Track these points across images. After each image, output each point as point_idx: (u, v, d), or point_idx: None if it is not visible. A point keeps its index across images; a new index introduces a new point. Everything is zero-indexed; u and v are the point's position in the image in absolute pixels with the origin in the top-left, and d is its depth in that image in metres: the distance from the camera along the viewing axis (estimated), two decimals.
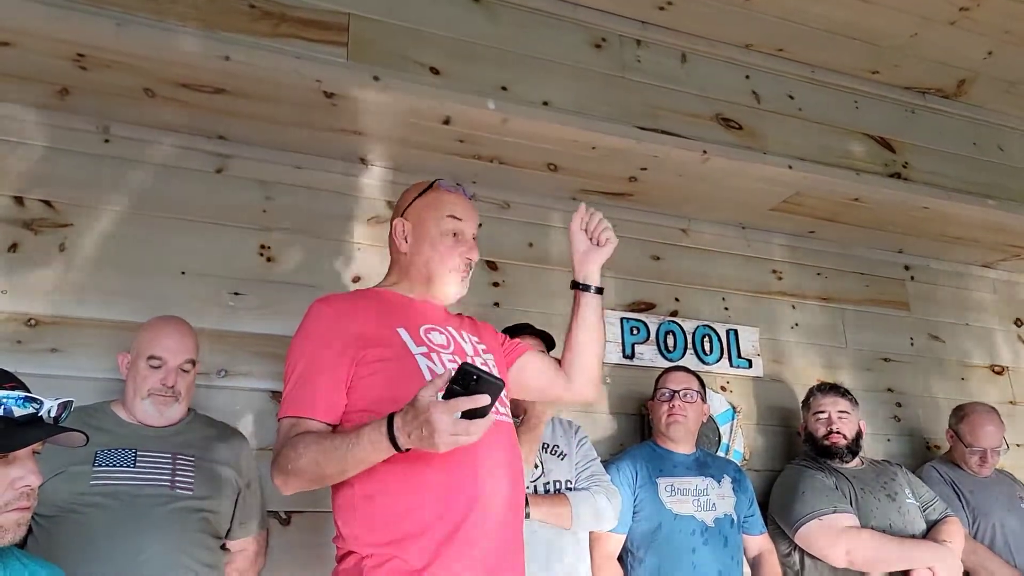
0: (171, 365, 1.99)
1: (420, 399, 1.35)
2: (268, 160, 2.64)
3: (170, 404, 1.98)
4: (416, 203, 1.82)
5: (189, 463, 1.95)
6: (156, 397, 1.97)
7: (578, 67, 2.72)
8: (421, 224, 1.78)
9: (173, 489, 1.89)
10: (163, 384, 1.97)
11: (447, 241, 1.76)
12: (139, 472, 1.87)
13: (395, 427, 1.38)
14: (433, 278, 1.76)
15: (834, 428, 2.76)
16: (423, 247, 1.76)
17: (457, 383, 1.34)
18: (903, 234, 3.52)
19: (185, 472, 1.93)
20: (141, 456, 1.90)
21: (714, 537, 2.45)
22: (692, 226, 3.32)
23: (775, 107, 3.03)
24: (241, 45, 2.20)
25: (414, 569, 1.46)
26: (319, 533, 2.29)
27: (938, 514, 2.71)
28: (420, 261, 1.77)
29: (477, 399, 1.34)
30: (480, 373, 1.34)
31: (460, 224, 1.78)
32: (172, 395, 1.98)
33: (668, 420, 2.57)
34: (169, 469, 1.91)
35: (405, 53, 2.44)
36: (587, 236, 1.87)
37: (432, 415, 1.32)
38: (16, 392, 1.25)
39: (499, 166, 2.83)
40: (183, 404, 2.02)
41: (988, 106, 3.47)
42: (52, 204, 2.35)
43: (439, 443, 1.33)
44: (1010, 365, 3.81)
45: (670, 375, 2.67)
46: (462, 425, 1.33)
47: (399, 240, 1.79)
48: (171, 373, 1.98)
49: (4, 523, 1.23)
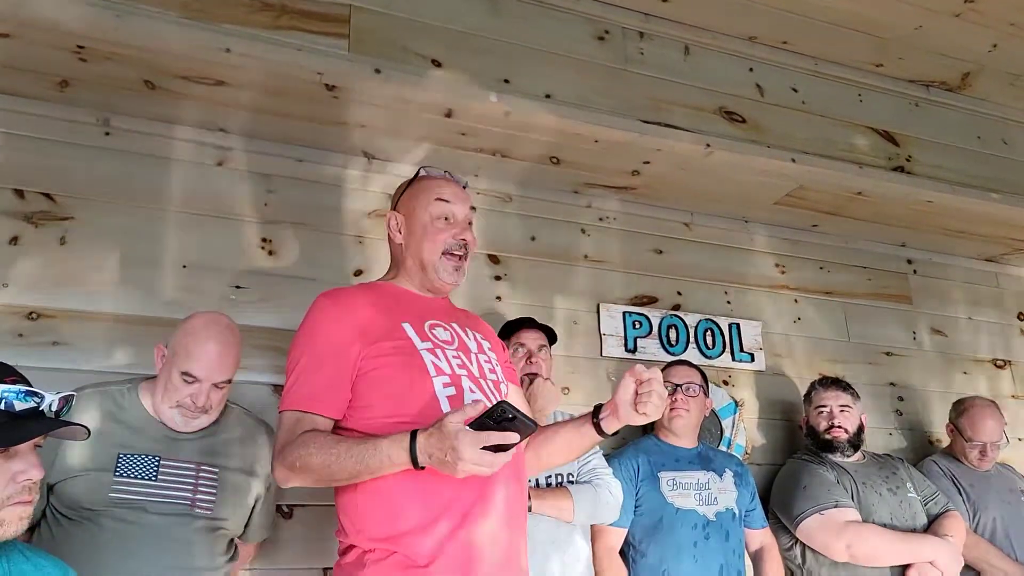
0: (205, 385, 1.86)
1: (449, 425, 1.37)
2: (269, 153, 2.63)
3: (198, 416, 1.89)
4: (406, 194, 1.83)
5: (212, 476, 1.89)
6: (184, 410, 1.87)
7: (581, 59, 2.70)
8: (412, 213, 1.78)
9: (193, 508, 1.84)
10: (193, 402, 1.86)
11: (439, 224, 1.76)
12: (160, 487, 1.81)
13: (417, 446, 1.40)
14: (426, 265, 1.75)
15: (835, 422, 2.75)
16: (415, 235, 1.77)
17: (491, 416, 1.36)
18: (906, 228, 3.51)
19: (207, 488, 1.87)
20: (164, 465, 1.83)
21: (716, 531, 2.45)
22: (695, 220, 3.31)
23: (778, 100, 3.02)
24: (242, 37, 2.18)
25: (418, 565, 1.46)
26: (321, 527, 2.28)
27: (939, 508, 2.71)
28: (413, 249, 1.77)
29: (508, 436, 1.37)
30: (517, 413, 1.37)
31: (450, 206, 1.77)
32: (202, 410, 1.88)
33: (671, 414, 2.57)
34: (191, 484, 1.85)
35: (407, 45, 2.43)
36: (634, 394, 1.60)
37: (459, 443, 1.34)
38: (17, 386, 1.25)
39: (501, 159, 2.81)
40: (213, 414, 1.93)
41: (992, 99, 3.45)
42: (52, 197, 2.34)
43: (460, 470, 1.37)
44: (1013, 359, 3.80)
45: (672, 369, 2.66)
46: (487, 458, 1.36)
47: (394, 233, 1.80)
48: (204, 393, 1.86)
49: (6, 517, 1.23)
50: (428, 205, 1.76)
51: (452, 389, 1.60)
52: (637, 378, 1.58)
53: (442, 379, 1.60)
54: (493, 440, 1.36)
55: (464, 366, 1.66)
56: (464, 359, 1.68)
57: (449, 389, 1.59)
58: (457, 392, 1.60)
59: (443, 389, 1.59)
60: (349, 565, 1.53)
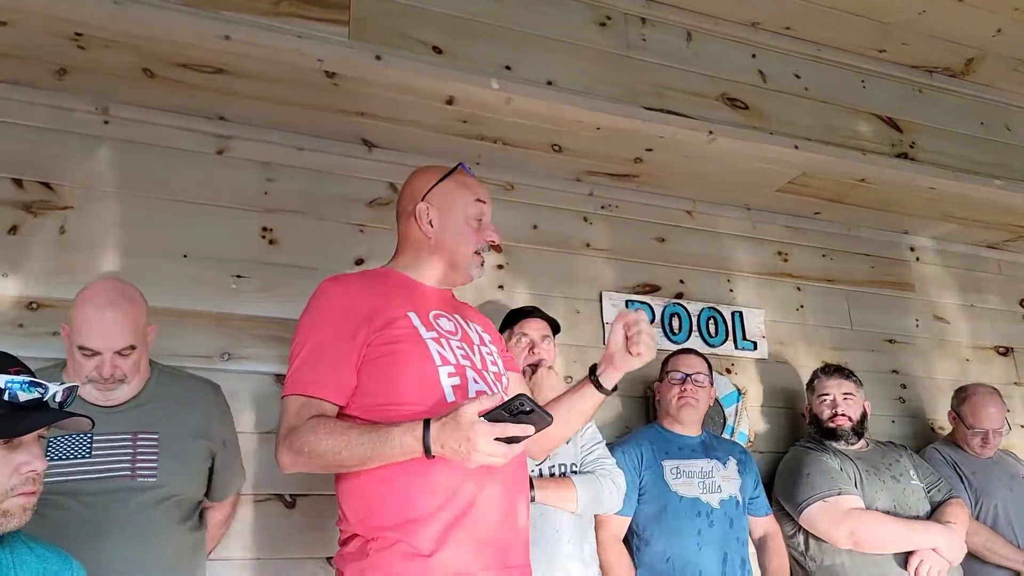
0: (106, 356, 1.77)
1: (464, 415, 1.37)
2: (269, 141, 2.62)
3: (116, 387, 1.81)
4: (441, 186, 1.78)
5: (151, 443, 1.81)
6: (96, 384, 1.79)
7: (583, 46, 2.68)
8: (449, 208, 1.76)
9: (134, 478, 1.76)
10: (99, 374, 1.77)
11: (473, 224, 1.76)
12: (95, 463, 1.73)
13: (431, 435, 1.39)
14: (459, 260, 1.75)
15: (839, 410, 2.75)
16: (449, 231, 1.75)
17: (507, 409, 1.36)
18: (909, 215, 3.50)
19: (147, 455, 1.79)
20: (98, 440, 1.75)
21: (719, 519, 2.45)
22: (697, 207, 3.30)
23: (781, 86, 3.00)
24: (241, 24, 2.16)
25: (420, 554, 1.45)
26: (324, 516, 2.28)
27: (942, 495, 2.71)
28: (447, 245, 1.75)
29: (525, 428, 1.38)
30: (536, 407, 1.37)
31: (485, 208, 1.79)
32: (113, 381, 1.80)
33: (679, 403, 2.56)
34: (129, 454, 1.77)
35: (407, 32, 2.41)
36: (626, 338, 1.64)
37: (475, 434, 1.35)
38: (21, 376, 1.24)
39: (503, 147, 2.80)
40: (134, 383, 1.85)
41: (996, 85, 3.43)
42: (52, 186, 2.32)
43: (473, 460, 1.37)
44: (1015, 346, 3.79)
45: (681, 358, 2.65)
46: (500, 449, 1.36)
47: (423, 224, 1.75)
48: (107, 363, 1.77)
49: (11, 508, 1.23)
50: (468, 204, 1.76)
51: (457, 379, 1.59)
52: (625, 321, 1.63)
53: (447, 368, 1.59)
54: (509, 432, 1.36)
55: (468, 357, 1.66)
56: (468, 350, 1.68)
57: (454, 379, 1.58)
58: (462, 382, 1.59)
59: (448, 379, 1.58)
60: (351, 554, 1.53)
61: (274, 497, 2.29)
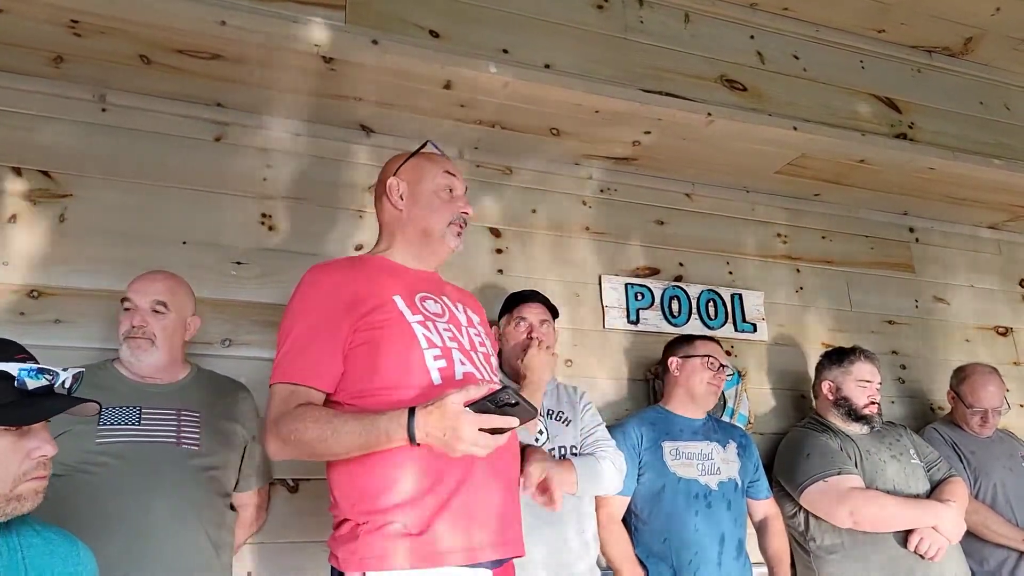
0: (141, 306, 1.98)
1: (450, 404, 1.38)
2: (267, 127, 2.62)
3: (145, 348, 1.96)
4: (409, 162, 1.83)
5: (194, 419, 1.95)
6: (130, 341, 1.95)
7: (580, 29, 2.67)
8: (417, 182, 1.80)
9: (179, 445, 1.89)
10: (132, 325, 1.96)
11: (443, 196, 1.80)
12: (144, 430, 1.87)
13: (416, 423, 1.41)
14: (431, 234, 1.78)
15: (876, 399, 2.75)
16: (419, 203, 1.78)
17: (492, 400, 1.37)
18: (908, 196, 3.49)
19: (190, 428, 1.93)
20: (146, 413, 1.90)
21: (718, 501, 2.46)
22: (696, 190, 3.30)
23: (780, 68, 2.99)
24: (237, 10, 2.16)
25: (410, 533, 1.47)
26: (327, 500, 2.29)
27: (942, 474, 2.72)
28: (417, 218, 1.78)
29: (509, 421, 1.40)
30: (521, 399, 1.38)
31: (454, 180, 1.83)
32: (144, 336, 1.96)
33: (709, 388, 2.59)
34: (174, 425, 1.91)
35: (404, 16, 2.40)
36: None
37: (460, 424, 1.37)
38: (30, 364, 1.25)
39: (501, 131, 2.79)
40: (162, 351, 1.99)
41: (995, 65, 3.42)
42: (50, 174, 2.32)
43: (458, 449, 1.40)
44: (1014, 326, 3.80)
45: (711, 345, 2.65)
46: (484, 439, 1.39)
47: (394, 198, 1.80)
48: (140, 314, 1.97)
49: (23, 492, 1.24)
50: (436, 176, 1.81)
51: (443, 361, 1.60)
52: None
53: (433, 351, 1.60)
54: (493, 424, 1.38)
55: (455, 338, 1.67)
56: (455, 332, 1.69)
57: (440, 361, 1.60)
58: (448, 364, 1.60)
59: (434, 361, 1.59)
60: (343, 537, 1.54)
61: (277, 481, 2.30)
